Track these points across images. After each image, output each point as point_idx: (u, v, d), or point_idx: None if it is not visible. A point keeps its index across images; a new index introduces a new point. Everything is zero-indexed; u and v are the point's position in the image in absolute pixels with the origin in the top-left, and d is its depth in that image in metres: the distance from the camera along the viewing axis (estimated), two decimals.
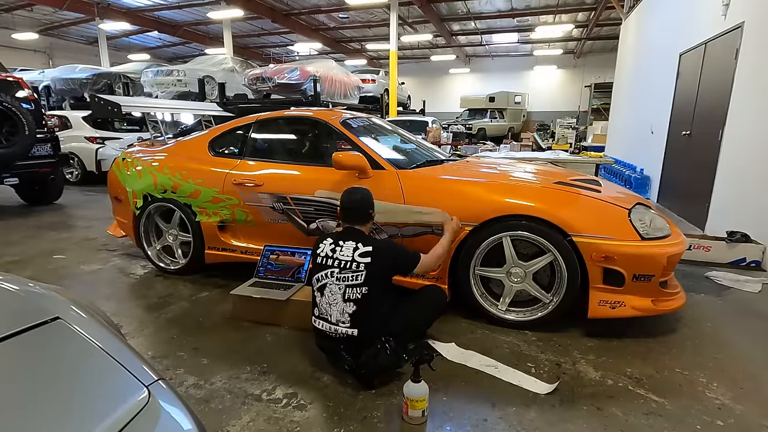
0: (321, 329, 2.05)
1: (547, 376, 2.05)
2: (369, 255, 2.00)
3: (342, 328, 1.98)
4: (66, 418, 0.78)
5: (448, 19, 16.08)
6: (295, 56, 22.50)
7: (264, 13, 14.55)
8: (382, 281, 2.04)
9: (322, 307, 2.04)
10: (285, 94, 8.85)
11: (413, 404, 1.72)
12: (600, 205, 2.44)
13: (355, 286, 1.97)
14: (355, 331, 1.97)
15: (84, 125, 7.78)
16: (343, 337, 1.98)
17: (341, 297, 1.98)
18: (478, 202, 2.47)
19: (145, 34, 18.68)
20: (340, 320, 1.99)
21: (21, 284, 1.20)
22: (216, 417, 1.77)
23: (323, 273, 2.04)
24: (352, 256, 2.00)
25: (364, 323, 1.98)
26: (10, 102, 5.07)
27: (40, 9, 14.58)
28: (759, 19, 3.90)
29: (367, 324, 1.98)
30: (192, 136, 3.65)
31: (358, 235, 2.10)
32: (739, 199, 4.03)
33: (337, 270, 2.00)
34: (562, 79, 21.73)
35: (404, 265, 2.16)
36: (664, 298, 2.37)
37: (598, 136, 12.35)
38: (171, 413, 0.85)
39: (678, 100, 5.90)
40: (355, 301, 1.97)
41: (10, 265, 3.09)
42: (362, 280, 1.97)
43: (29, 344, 0.94)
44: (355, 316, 1.97)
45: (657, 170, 6.43)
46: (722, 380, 2.02)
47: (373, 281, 1.98)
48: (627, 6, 10.03)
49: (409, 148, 3.51)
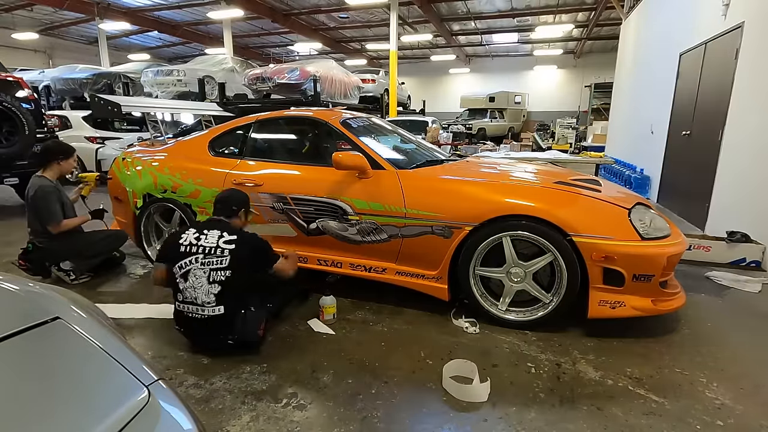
0: (188, 314, 2.20)
1: (547, 376, 2.05)
2: (233, 243, 2.22)
3: (209, 308, 2.16)
4: (66, 418, 0.78)
5: (448, 19, 16.08)
6: (295, 56, 22.50)
7: (264, 13, 14.55)
8: (244, 267, 2.23)
9: (186, 291, 2.18)
10: (285, 94, 8.85)
11: (326, 310, 2.57)
12: (600, 205, 2.43)
13: (219, 269, 2.17)
14: (222, 308, 2.16)
15: (84, 125, 7.77)
16: (211, 317, 2.16)
17: (206, 279, 2.16)
18: (478, 201, 2.47)
19: (145, 34, 18.68)
20: (206, 302, 2.16)
21: (21, 284, 1.20)
22: (216, 417, 1.77)
23: (187, 260, 2.19)
24: (217, 243, 2.21)
25: (229, 302, 2.18)
26: (10, 102, 5.06)
27: (40, 9, 14.58)
28: (759, 19, 3.90)
29: (231, 302, 2.19)
30: (192, 136, 3.66)
31: (223, 225, 2.31)
32: (740, 199, 4.03)
33: (202, 256, 2.19)
34: (562, 79, 21.73)
35: (261, 261, 2.36)
36: (664, 298, 2.37)
37: (598, 136, 12.35)
38: (171, 413, 0.85)
39: (678, 100, 5.90)
40: (219, 283, 2.16)
41: (10, 265, 3.09)
42: (226, 264, 2.18)
43: (29, 344, 0.94)
44: (220, 295, 2.16)
45: (657, 170, 6.43)
46: (722, 380, 2.02)
47: (237, 266, 2.19)
48: (627, 6, 10.03)
49: (409, 148, 3.51)
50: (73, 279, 3.21)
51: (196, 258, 2.19)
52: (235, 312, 2.20)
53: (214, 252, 2.18)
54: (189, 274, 2.18)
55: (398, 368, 2.11)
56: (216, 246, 2.19)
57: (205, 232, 2.25)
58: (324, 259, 2.88)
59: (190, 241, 2.23)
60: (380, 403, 1.85)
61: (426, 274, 2.62)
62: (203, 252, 2.19)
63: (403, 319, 2.65)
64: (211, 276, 2.16)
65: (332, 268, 2.87)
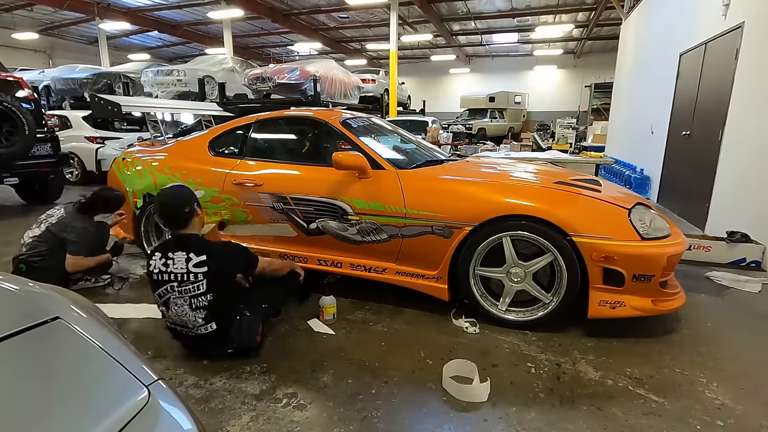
0: (182, 333, 2.14)
1: (547, 376, 2.05)
2: (204, 264, 2.00)
3: (201, 329, 2.09)
4: (66, 418, 0.78)
5: (448, 19, 16.08)
6: (295, 56, 22.49)
7: (264, 13, 14.55)
8: (225, 283, 2.10)
9: (172, 317, 2.10)
10: (285, 94, 8.86)
11: (326, 310, 2.55)
12: (600, 205, 2.43)
13: (199, 296, 2.02)
14: (213, 324, 2.09)
15: (84, 125, 7.77)
16: (204, 334, 2.10)
17: (189, 308, 2.04)
18: (478, 201, 2.47)
19: (145, 34, 18.68)
20: (195, 324, 2.08)
21: (21, 284, 1.20)
22: (216, 417, 1.77)
23: (162, 289, 2.04)
24: (186, 267, 2.00)
25: (220, 317, 2.10)
26: (10, 102, 5.06)
27: (40, 9, 14.58)
28: (759, 19, 3.90)
29: (222, 316, 2.11)
30: (192, 136, 3.66)
31: (186, 241, 2.07)
32: (740, 199, 4.03)
33: (176, 284, 2.01)
34: (562, 79, 21.73)
35: (243, 268, 2.25)
36: (664, 298, 2.36)
37: (598, 136, 12.35)
38: (171, 413, 0.85)
39: (678, 100, 5.90)
40: (203, 308, 2.05)
41: (10, 265, 3.08)
42: (204, 288, 2.02)
43: (29, 344, 0.94)
44: (209, 316, 2.07)
45: (657, 170, 6.43)
46: (722, 380, 2.02)
47: (216, 285, 2.04)
48: (627, 6, 10.03)
49: (409, 148, 3.51)
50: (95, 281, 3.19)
51: (171, 287, 2.03)
52: (228, 323, 2.13)
53: (187, 279, 2.00)
54: (170, 303, 2.06)
55: (398, 368, 2.11)
56: (186, 272, 2.00)
57: (170, 256, 2.02)
58: (324, 259, 2.88)
59: (159, 268, 2.03)
60: (380, 403, 1.85)
61: (426, 274, 2.62)
62: (176, 280, 2.01)
63: (403, 319, 2.65)
64: (193, 303, 2.03)
65: (332, 268, 2.87)
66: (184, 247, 2.05)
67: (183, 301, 2.03)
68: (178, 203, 2.14)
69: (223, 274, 2.10)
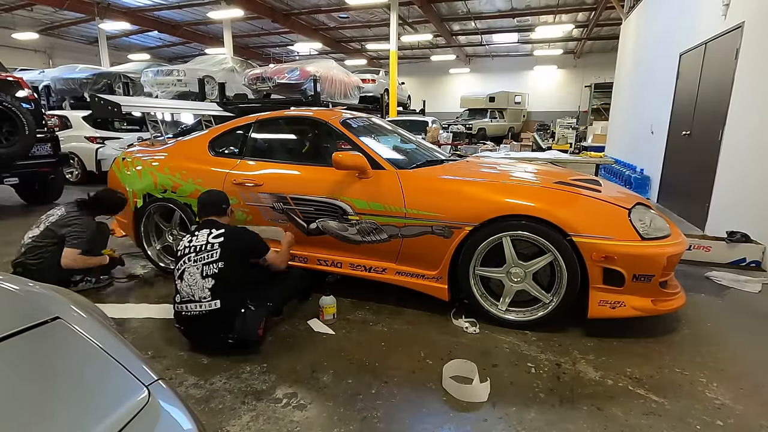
0: (187, 313, 2.24)
1: (547, 376, 2.05)
2: (222, 236, 2.30)
3: (205, 303, 2.20)
4: (66, 418, 0.78)
5: (448, 19, 16.08)
6: (295, 56, 22.50)
7: (264, 13, 14.55)
8: (236, 258, 2.30)
9: (183, 291, 2.25)
10: (285, 94, 8.85)
11: (326, 310, 2.58)
12: (600, 205, 2.43)
13: (211, 263, 2.23)
14: (218, 302, 2.19)
15: (84, 125, 7.77)
16: (208, 312, 2.19)
17: (200, 275, 2.22)
18: (478, 201, 2.47)
19: (145, 34, 18.68)
20: (202, 297, 2.20)
21: (21, 284, 1.20)
22: (216, 417, 1.77)
23: (182, 261, 2.29)
24: (206, 239, 2.30)
25: (225, 295, 2.21)
26: (10, 102, 5.06)
27: (40, 9, 14.58)
28: (759, 19, 3.90)
29: (227, 296, 2.22)
30: (192, 136, 3.65)
31: (213, 223, 2.40)
32: (740, 199, 4.03)
33: (194, 254, 2.27)
34: (562, 79, 21.73)
35: (255, 249, 2.45)
36: (664, 298, 2.37)
37: (598, 136, 12.35)
38: (171, 413, 0.85)
39: (678, 100, 5.90)
40: (213, 276, 2.21)
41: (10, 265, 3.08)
42: (217, 256, 2.24)
43: (29, 344, 0.94)
44: (215, 289, 2.20)
45: (657, 170, 6.43)
46: (722, 380, 2.02)
47: (228, 257, 2.25)
48: (627, 6, 10.03)
49: (409, 148, 3.51)
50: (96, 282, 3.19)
51: (189, 257, 2.27)
52: (232, 308, 2.21)
53: (204, 248, 2.27)
54: (184, 273, 2.26)
55: (398, 368, 2.11)
56: (206, 242, 2.28)
57: (196, 234, 2.35)
58: (324, 259, 2.88)
59: (184, 245, 2.34)
60: (380, 403, 1.85)
61: (426, 274, 2.62)
62: (195, 251, 2.28)
63: (403, 319, 2.65)
64: (204, 270, 2.22)
65: (332, 268, 2.87)
66: (209, 226, 2.38)
67: (196, 269, 2.23)
68: (221, 196, 2.61)
69: (236, 246, 2.32)
